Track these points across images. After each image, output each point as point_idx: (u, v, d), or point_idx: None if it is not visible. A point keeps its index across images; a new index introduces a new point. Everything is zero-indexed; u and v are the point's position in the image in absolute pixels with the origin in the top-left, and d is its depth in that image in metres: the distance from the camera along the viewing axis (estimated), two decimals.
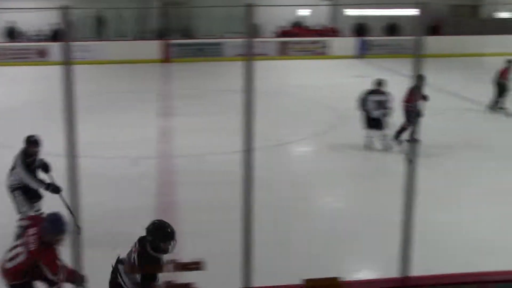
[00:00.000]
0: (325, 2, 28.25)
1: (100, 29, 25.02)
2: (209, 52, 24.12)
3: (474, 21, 27.17)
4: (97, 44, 23.98)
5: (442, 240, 6.68)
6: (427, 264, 4.69)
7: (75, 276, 4.40)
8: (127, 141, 11.24)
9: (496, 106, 13.38)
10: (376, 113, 10.32)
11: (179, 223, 7.43)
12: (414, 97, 9.85)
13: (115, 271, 4.57)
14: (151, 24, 25.11)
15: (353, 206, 8.21)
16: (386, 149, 10.46)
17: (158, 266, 4.04)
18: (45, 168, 6.56)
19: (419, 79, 10.21)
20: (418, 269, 3.53)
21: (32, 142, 6.47)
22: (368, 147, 10.61)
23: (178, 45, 24.13)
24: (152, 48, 23.84)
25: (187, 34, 26.00)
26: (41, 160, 6.61)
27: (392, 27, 25.78)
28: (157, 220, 4.56)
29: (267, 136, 10.78)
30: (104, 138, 11.42)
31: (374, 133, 10.52)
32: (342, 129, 12.10)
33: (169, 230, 4.42)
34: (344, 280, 3.92)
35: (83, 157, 5.34)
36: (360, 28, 25.71)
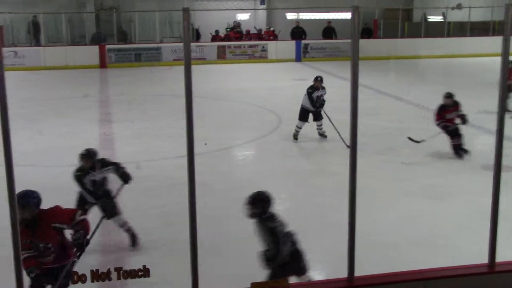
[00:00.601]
0: (262, 7, 28.47)
1: (35, 34, 24.35)
2: (147, 57, 23.88)
3: (407, 25, 27.97)
4: (32, 50, 23.38)
5: (385, 238, 6.80)
6: (373, 263, 4.76)
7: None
8: (65, 149, 10.96)
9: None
10: (316, 106, 11.16)
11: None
12: (441, 114, 9.97)
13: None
14: (87, 29, 24.62)
15: (297, 206, 8.24)
16: (324, 136, 11.40)
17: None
18: (124, 178, 6.62)
19: (447, 97, 10.18)
20: (364, 269, 3.58)
21: (81, 157, 6.58)
22: (296, 137, 11.37)
23: (115, 50, 23.78)
24: (88, 53, 23.40)
25: (124, 39, 25.63)
26: (122, 169, 6.65)
27: (329, 30, 26.16)
28: (255, 195, 4.77)
29: (208, 140, 10.76)
30: (41, 146, 11.12)
31: (306, 123, 11.34)
32: (283, 132, 12.17)
33: (266, 194, 4.78)
34: (290, 282, 3.93)
35: (20, 166, 5.17)
36: (298, 32, 25.97)
